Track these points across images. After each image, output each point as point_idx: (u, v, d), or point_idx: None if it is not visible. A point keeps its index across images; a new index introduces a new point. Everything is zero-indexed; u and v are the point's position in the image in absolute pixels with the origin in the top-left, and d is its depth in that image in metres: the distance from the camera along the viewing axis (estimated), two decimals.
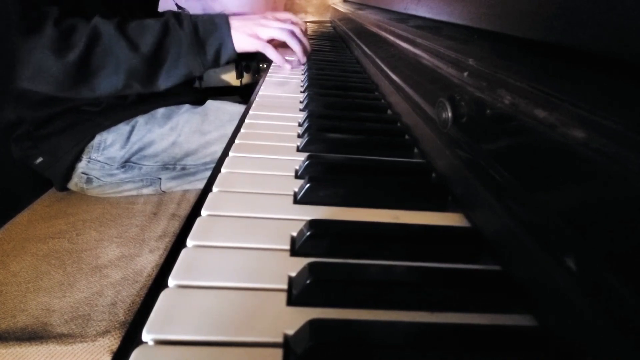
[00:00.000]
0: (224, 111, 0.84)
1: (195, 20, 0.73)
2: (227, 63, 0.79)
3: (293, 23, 0.84)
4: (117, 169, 0.78)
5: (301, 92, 0.68)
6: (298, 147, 0.43)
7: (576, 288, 0.19)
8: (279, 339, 0.21)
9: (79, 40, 0.63)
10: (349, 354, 0.19)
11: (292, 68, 0.84)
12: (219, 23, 0.74)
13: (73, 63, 0.63)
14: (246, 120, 0.51)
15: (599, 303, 0.17)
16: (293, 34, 0.81)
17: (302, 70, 0.84)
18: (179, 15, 0.73)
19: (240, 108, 0.83)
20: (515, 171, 0.25)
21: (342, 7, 1.42)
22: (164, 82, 0.73)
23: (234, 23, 0.75)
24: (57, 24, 0.62)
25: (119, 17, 0.69)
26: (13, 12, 0.60)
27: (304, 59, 0.86)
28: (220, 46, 0.74)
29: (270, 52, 0.78)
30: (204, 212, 0.31)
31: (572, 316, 0.19)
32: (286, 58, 0.84)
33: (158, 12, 1.07)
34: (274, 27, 0.78)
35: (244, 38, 0.75)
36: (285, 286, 0.24)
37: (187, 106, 0.84)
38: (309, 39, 0.90)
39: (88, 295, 0.54)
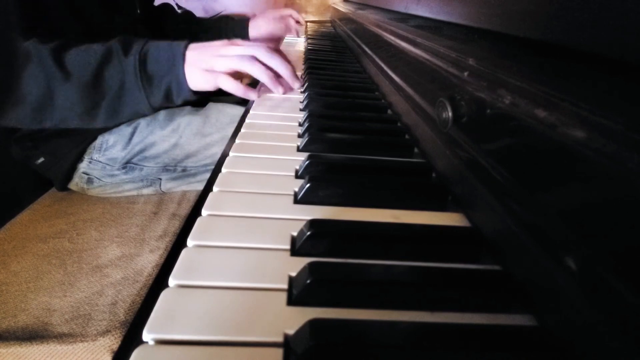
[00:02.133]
0: (224, 113, 0.84)
1: (146, 50, 0.61)
2: (186, 104, 0.65)
3: (268, 48, 0.65)
4: (118, 169, 0.78)
5: (301, 92, 0.68)
6: (298, 147, 0.43)
7: (576, 288, 0.19)
8: (279, 339, 0.21)
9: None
10: (349, 354, 0.19)
11: (258, 96, 0.64)
12: (172, 56, 0.60)
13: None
14: (246, 120, 0.51)
15: (599, 303, 0.17)
16: (254, 59, 0.62)
17: (302, 70, 0.84)
18: (130, 41, 0.61)
19: (241, 110, 0.83)
20: (515, 171, 0.25)
21: (343, 7, 1.42)
22: (107, 119, 0.62)
23: (190, 55, 0.61)
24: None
25: (82, 23, 0.60)
26: None
27: (279, 90, 0.65)
28: (170, 85, 0.61)
29: (224, 82, 0.61)
30: (204, 211, 0.31)
31: (572, 316, 0.19)
32: (250, 88, 0.64)
33: (155, 7, 1.07)
34: (232, 55, 0.61)
35: (199, 75, 0.61)
36: (285, 286, 0.24)
37: (188, 108, 0.84)
38: (309, 39, 0.87)
39: (88, 295, 0.54)
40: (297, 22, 1.18)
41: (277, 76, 0.65)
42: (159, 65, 0.61)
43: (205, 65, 0.61)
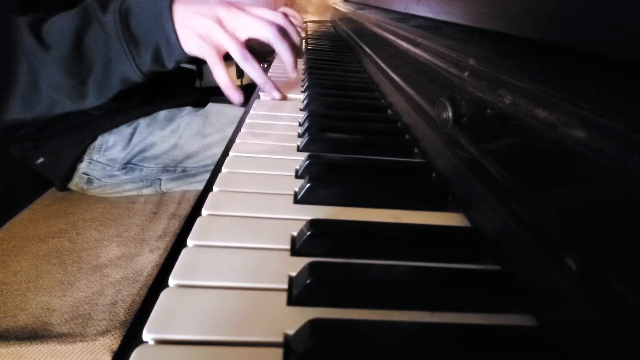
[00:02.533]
0: (225, 114, 0.84)
1: (127, 3, 0.52)
2: (179, 65, 0.56)
3: (284, 14, 0.59)
4: (118, 170, 0.78)
5: (301, 92, 0.68)
6: (298, 146, 0.43)
7: (576, 288, 0.19)
8: (279, 339, 0.21)
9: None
10: (349, 354, 0.19)
11: (238, 102, 0.57)
12: (157, 9, 0.51)
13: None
14: (246, 120, 0.51)
15: (599, 303, 0.17)
16: (272, 24, 0.54)
17: (302, 70, 0.84)
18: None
19: (241, 111, 0.83)
20: (515, 171, 0.25)
21: (343, 7, 1.42)
22: (97, 95, 0.55)
23: (180, 11, 0.51)
24: None
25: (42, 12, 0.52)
26: None
27: (294, 73, 0.60)
28: (158, 44, 0.52)
29: (217, 70, 0.54)
30: (204, 211, 0.31)
31: (572, 316, 0.19)
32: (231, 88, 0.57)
33: None
34: (244, 23, 0.51)
35: (192, 39, 0.52)
36: (285, 286, 0.24)
37: (188, 109, 0.84)
38: (309, 39, 0.86)
39: (88, 295, 0.54)
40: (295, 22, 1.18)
41: (293, 52, 0.58)
42: (143, 22, 0.52)
43: (201, 29, 0.52)
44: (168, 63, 0.55)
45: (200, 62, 0.67)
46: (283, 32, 0.56)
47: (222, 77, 0.55)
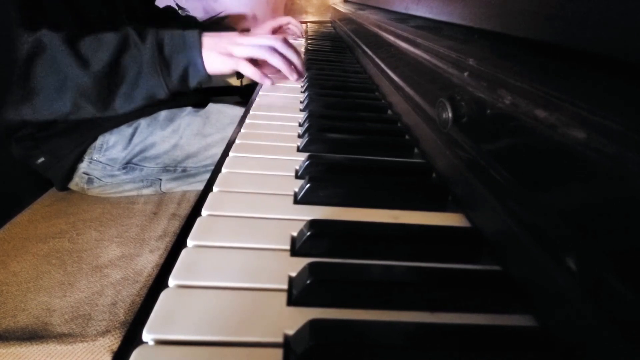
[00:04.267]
0: (225, 114, 0.84)
1: (161, 36, 0.64)
2: (199, 86, 0.69)
3: (283, 39, 0.71)
4: (119, 170, 0.78)
5: (301, 92, 0.68)
6: (298, 147, 0.43)
7: (576, 288, 0.19)
8: (279, 339, 0.21)
9: (20, 50, 0.56)
10: (349, 354, 0.19)
11: (272, 84, 0.71)
12: (188, 40, 0.65)
13: (13, 76, 0.56)
14: (246, 121, 0.51)
15: (599, 303, 0.17)
16: (274, 50, 0.69)
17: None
18: (142, 30, 0.64)
19: (241, 111, 0.83)
20: (515, 171, 0.25)
21: (343, 8, 1.42)
22: (122, 105, 0.64)
23: (207, 41, 0.65)
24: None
25: (81, 23, 0.62)
26: None
27: (293, 76, 0.73)
28: (188, 66, 0.65)
29: (244, 68, 0.67)
30: (204, 212, 0.31)
31: (572, 316, 0.19)
32: (266, 74, 0.71)
33: (157, 7, 1.07)
34: (250, 45, 0.67)
35: (217, 58, 0.65)
36: (285, 286, 0.24)
37: (189, 109, 0.84)
38: (309, 39, 0.88)
39: (88, 295, 0.54)
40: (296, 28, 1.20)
41: (290, 64, 0.71)
42: (176, 49, 0.63)
43: (223, 50, 0.65)
44: (191, 83, 0.67)
45: None
46: (282, 54, 0.70)
47: (249, 71, 0.67)
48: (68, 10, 0.67)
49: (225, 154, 0.41)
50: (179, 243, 0.27)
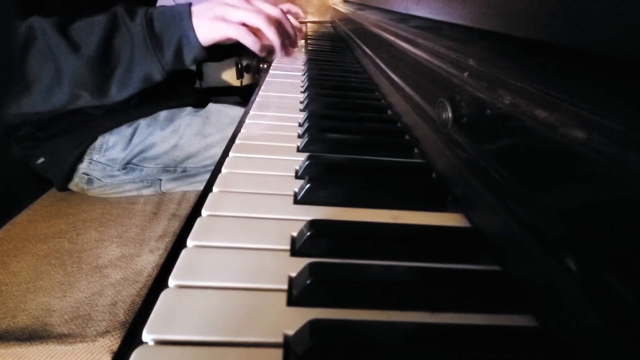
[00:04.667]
0: (225, 114, 0.84)
1: (150, 12, 0.60)
2: (196, 62, 0.65)
3: (281, 10, 0.68)
4: (119, 170, 0.78)
5: (301, 92, 0.68)
6: (298, 147, 0.43)
7: (576, 288, 0.19)
8: (279, 339, 0.21)
9: (15, 43, 0.55)
10: (349, 354, 0.19)
11: (281, 56, 0.68)
12: (178, 11, 0.60)
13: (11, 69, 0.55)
14: (246, 121, 0.51)
15: (599, 303, 0.17)
16: (270, 18, 0.63)
17: (302, 70, 0.84)
18: (131, 8, 0.61)
19: (241, 111, 0.83)
20: (515, 171, 0.25)
21: (343, 8, 1.42)
22: (119, 90, 0.61)
23: (196, 9, 0.61)
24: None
25: (66, 16, 0.59)
26: None
27: (281, 53, 0.68)
28: (180, 40, 0.60)
29: (241, 34, 0.61)
30: (204, 212, 0.31)
31: (572, 316, 0.19)
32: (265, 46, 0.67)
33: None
34: (245, 9, 0.61)
35: (208, 24, 0.60)
36: (285, 286, 0.24)
37: (189, 109, 0.84)
38: (309, 39, 0.87)
39: (88, 295, 0.54)
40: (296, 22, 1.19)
41: (283, 40, 0.66)
42: (166, 24, 0.60)
43: (214, 14, 0.60)
44: (187, 58, 0.62)
45: (201, 63, 0.75)
46: (278, 24, 0.65)
47: (249, 40, 0.62)
48: (64, 5, 0.66)
49: (225, 154, 0.41)
50: (179, 243, 0.27)
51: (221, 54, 0.93)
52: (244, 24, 0.62)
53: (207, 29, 0.60)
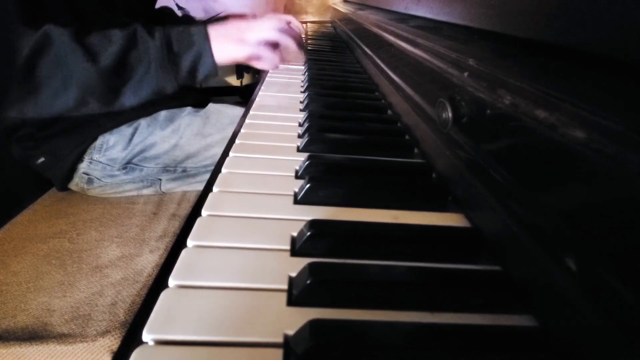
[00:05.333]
0: (225, 114, 0.84)
1: (168, 32, 0.65)
2: (206, 79, 0.70)
3: (286, 22, 0.77)
4: (119, 170, 0.78)
5: (301, 92, 0.68)
6: (298, 147, 0.43)
7: (576, 288, 0.19)
8: (279, 339, 0.21)
9: (23, 48, 0.56)
10: (349, 354, 0.19)
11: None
12: (195, 35, 0.65)
13: (15, 73, 0.56)
14: (246, 121, 0.51)
15: (599, 303, 0.17)
16: (282, 30, 0.72)
17: (302, 70, 0.84)
18: (149, 27, 0.65)
19: (241, 111, 0.83)
20: (515, 171, 0.25)
21: (343, 8, 1.42)
22: (129, 99, 0.64)
23: (214, 33, 0.65)
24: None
25: (81, 22, 0.62)
26: None
27: (302, 55, 0.80)
28: (196, 60, 0.65)
29: (263, 51, 0.68)
30: (204, 212, 0.31)
31: (572, 316, 0.19)
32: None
33: (155, 9, 1.07)
34: (262, 29, 0.68)
35: (228, 46, 0.66)
36: (285, 286, 0.24)
37: (189, 109, 0.84)
38: (309, 39, 0.89)
39: (88, 295, 0.54)
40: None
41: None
42: (184, 44, 0.64)
43: (233, 37, 0.66)
44: (200, 76, 0.67)
45: None
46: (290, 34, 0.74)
47: (271, 57, 0.69)
48: (67, 9, 0.67)
49: (225, 154, 0.41)
50: (179, 243, 0.27)
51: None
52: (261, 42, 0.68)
53: (225, 52, 0.66)
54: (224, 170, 0.38)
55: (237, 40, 0.66)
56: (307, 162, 0.37)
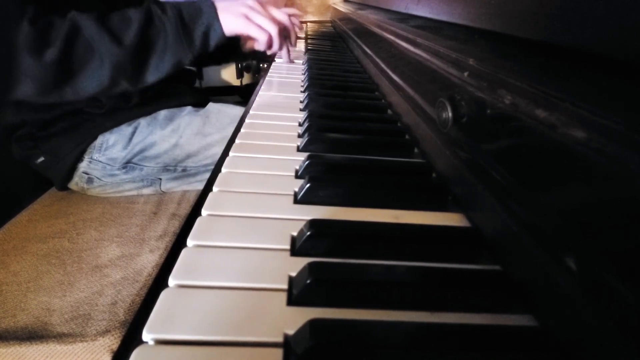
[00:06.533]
0: (225, 114, 0.84)
1: (178, 7, 0.69)
2: (216, 47, 0.73)
3: (289, 17, 0.81)
4: (119, 169, 0.78)
5: (301, 92, 0.68)
6: (298, 147, 0.43)
7: (576, 288, 0.19)
8: (279, 339, 0.21)
9: (56, 37, 0.58)
10: (349, 354, 0.19)
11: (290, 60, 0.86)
12: (203, 6, 0.70)
13: (52, 62, 0.57)
14: (246, 120, 0.51)
15: (599, 303, 0.17)
16: (282, 29, 0.77)
17: (302, 70, 0.84)
18: (161, 3, 0.69)
19: (241, 110, 0.83)
20: (515, 171, 0.25)
21: (343, 7, 1.42)
22: (153, 75, 0.68)
23: (220, 5, 0.71)
24: (33, 23, 0.56)
25: (99, 11, 0.65)
26: None
27: (286, 59, 0.88)
28: (208, 29, 0.70)
29: (257, 33, 0.73)
30: (204, 211, 0.31)
31: (572, 316, 0.19)
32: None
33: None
34: (265, 16, 0.74)
35: (233, 19, 0.71)
36: (285, 286, 0.24)
37: (189, 108, 0.84)
38: (309, 39, 0.90)
39: (88, 295, 0.54)
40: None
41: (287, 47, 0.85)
42: (194, 16, 0.69)
43: (238, 11, 0.71)
44: (212, 43, 0.71)
45: (200, 64, 0.83)
46: (284, 28, 0.80)
47: (263, 44, 0.74)
48: (70, 5, 0.67)
49: (225, 153, 0.41)
50: (179, 243, 0.27)
51: (221, 58, 1.01)
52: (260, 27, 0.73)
53: (232, 22, 0.70)
54: (224, 169, 0.38)
55: (241, 15, 0.71)
56: (307, 162, 0.37)
